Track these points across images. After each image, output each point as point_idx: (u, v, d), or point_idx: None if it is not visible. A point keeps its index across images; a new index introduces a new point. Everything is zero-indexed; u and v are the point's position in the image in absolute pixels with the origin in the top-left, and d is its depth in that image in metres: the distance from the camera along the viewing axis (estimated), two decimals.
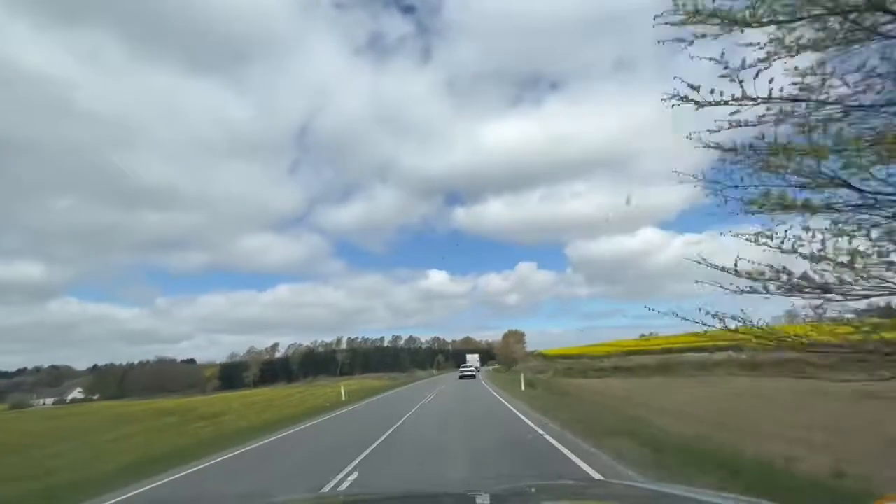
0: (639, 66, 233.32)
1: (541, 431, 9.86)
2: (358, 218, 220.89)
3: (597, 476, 5.69)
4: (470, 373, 48.13)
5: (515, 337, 71.15)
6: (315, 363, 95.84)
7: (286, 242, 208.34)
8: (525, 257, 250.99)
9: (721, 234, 4.03)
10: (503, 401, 20.00)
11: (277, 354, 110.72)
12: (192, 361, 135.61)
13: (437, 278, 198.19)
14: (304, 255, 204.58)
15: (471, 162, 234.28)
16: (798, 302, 3.67)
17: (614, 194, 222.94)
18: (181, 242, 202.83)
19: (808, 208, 3.40)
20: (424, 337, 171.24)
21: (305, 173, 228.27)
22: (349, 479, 6.64)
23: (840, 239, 3.25)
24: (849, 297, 3.33)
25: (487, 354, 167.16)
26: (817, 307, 3.57)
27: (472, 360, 65.96)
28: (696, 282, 3.93)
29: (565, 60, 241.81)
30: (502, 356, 71.46)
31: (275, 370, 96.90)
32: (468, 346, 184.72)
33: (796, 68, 3.57)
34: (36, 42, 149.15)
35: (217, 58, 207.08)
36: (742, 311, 3.60)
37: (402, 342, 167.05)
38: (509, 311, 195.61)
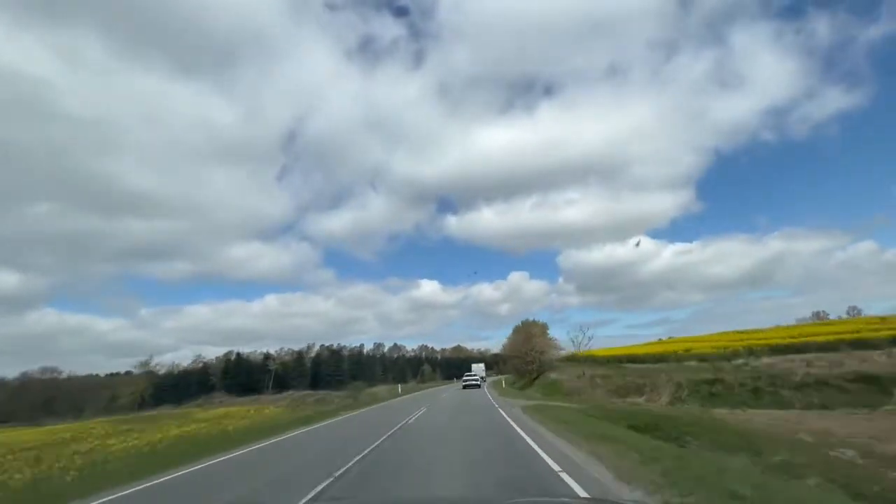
0: (633, 72, 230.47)
1: None
2: (348, 226, 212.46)
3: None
4: (474, 382, 44.08)
5: (538, 329, 42.88)
6: (245, 374, 67.43)
7: (274, 251, 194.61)
8: (517, 266, 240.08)
9: None
10: None
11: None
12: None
13: (429, 288, 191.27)
14: (293, 264, 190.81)
15: (463, 168, 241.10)
16: None
17: (607, 201, 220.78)
18: (165, 251, 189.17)
19: None
20: (411, 345, 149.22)
21: (294, 180, 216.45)
22: None
23: None
24: None
25: (482, 363, 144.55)
26: None
27: (478, 369, 63.34)
28: None
29: (559, 65, 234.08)
30: (517, 359, 43.98)
31: (187, 385, 67.94)
32: (459, 354, 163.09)
33: None
34: (12, 39, 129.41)
35: (203, 60, 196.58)
36: None
37: (384, 350, 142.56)
38: (501, 320, 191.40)
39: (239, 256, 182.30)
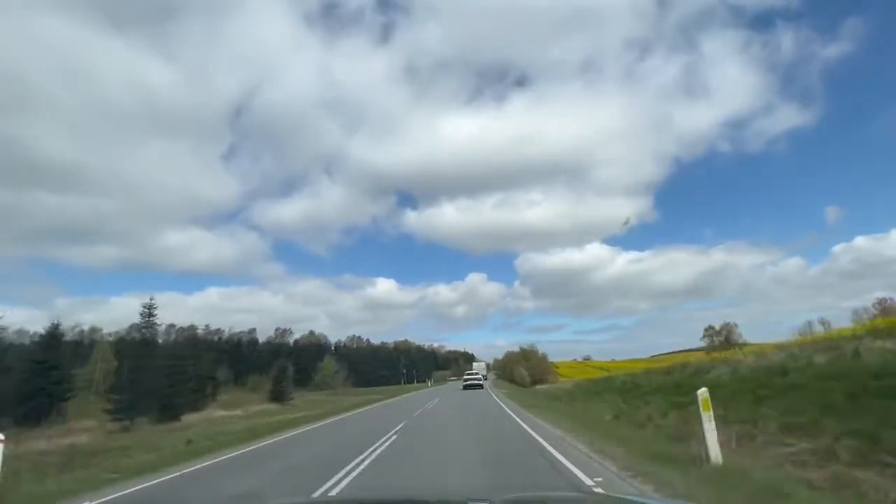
0: (606, 69, 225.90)
1: None
2: (300, 216, 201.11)
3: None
4: (477, 382, 43.04)
5: None
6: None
7: (217, 239, 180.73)
8: (475, 268, 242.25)
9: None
10: None
11: None
12: None
13: (384, 286, 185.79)
14: (238, 255, 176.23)
15: (426, 159, 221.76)
16: None
17: (569, 204, 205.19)
18: (88, 233, 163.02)
19: None
20: (336, 338, 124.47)
21: (242, 161, 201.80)
22: None
23: None
24: None
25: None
26: None
27: (479, 367, 62.63)
28: None
29: (534, 54, 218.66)
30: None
31: None
32: (408, 347, 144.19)
33: None
34: None
35: (137, 8, 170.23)
36: None
37: (294, 338, 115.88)
38: (456, 323, 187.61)
39: (176, 243, 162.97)
